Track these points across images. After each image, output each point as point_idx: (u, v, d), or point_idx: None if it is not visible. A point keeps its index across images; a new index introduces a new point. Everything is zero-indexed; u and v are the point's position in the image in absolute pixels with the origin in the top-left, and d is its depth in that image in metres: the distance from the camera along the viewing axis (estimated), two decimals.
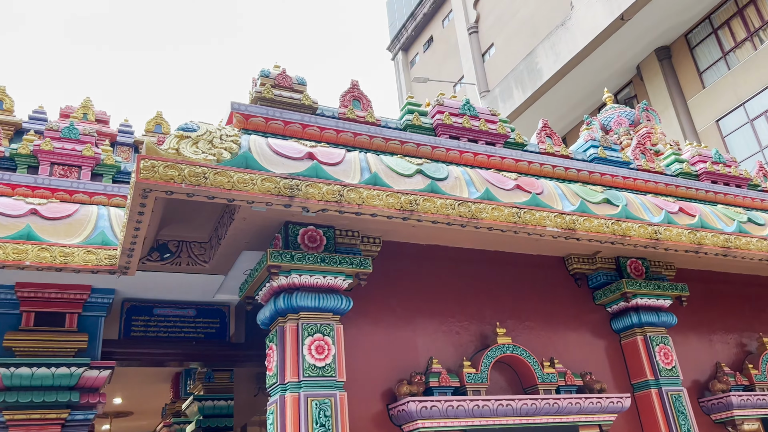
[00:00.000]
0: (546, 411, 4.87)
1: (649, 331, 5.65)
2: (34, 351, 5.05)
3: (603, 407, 5.06)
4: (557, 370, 5.21)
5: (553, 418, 4.92)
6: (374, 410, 4.71)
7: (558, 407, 4.90)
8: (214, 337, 6.14)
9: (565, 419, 4.96)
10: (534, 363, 5.12)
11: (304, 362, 4.32)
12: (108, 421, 11.03)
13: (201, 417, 7.26)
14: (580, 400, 4.98)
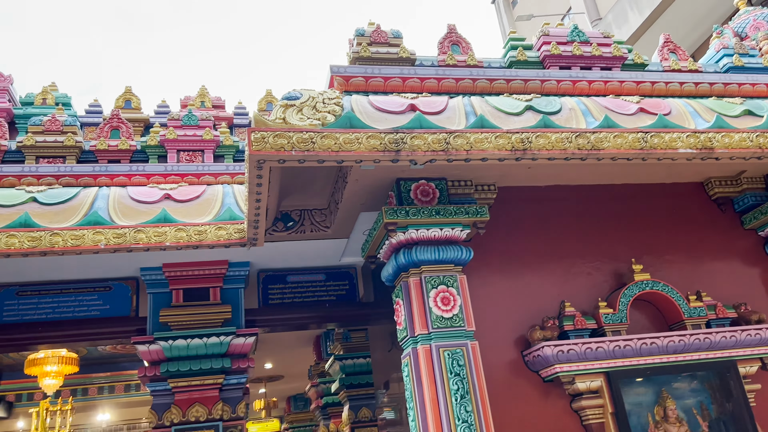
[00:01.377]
0: (696, 347, 4.53)
1: None
2: (187, 324, 5.52)
3: (764, 338, 4.61)
4: (705, 304, 4.81)
5: (705, 354, 4.56)
6: (508, 358, 4.65)
7: (710, 342, 4.54)
8: (345, 299, 6.35)
9: (720, 354, 4.58)
10: (678, 298, 4.76)
11: (431, 314, 4.33)
12: (262, 385, 11.94)
13: (343, 375, 7.61)
14: (736, 333, 4.57)
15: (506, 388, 4.53)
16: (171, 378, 5.40)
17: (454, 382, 4.15)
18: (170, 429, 5.27)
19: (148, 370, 5.43)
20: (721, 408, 4.61)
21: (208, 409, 5.39)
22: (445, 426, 4.04)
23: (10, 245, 4.23)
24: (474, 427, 4.04)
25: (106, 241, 4.41)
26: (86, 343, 5.73)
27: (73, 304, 5.64)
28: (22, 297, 5.55)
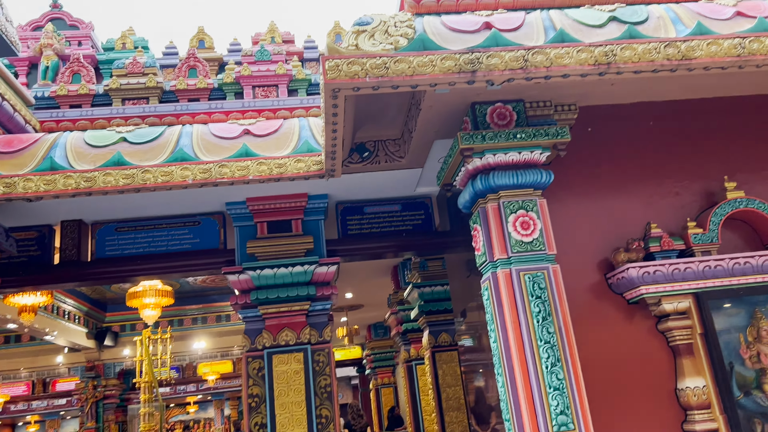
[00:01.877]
0: None
1: None
2: (272, 254, 5.76)
3: None
4: None
5: None
6: (591, 281, 4.60)
7: None
8: (421, 228, 6.41)
9: None
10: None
11: (511, 239, 4.31)
12: (344, 314, 12.43)
13: (422, 302, 7.79)
14: None
15: (588, 310, 4.51)
16: (261, 305, 5.70)
17: (535, 305, 4.17)
18: (262, 352, 5.61)
19: (239, 298, 5.75)
20: None
21: (297, 333, 5.68)
22: (527, 347, 4.09)
23: (107, 183, 4.50)
24: (557, 348, 4.07)
25: (193, 177, 4.61)
26: (180, 274, 6.10)
27: (166, 238, 6.00)
28: (120, 233, 5.95)
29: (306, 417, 5.43)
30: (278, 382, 5.52)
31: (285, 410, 5.43)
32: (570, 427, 3.92)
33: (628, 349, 4.42)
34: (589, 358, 4.32)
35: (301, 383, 5.54)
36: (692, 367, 4.27)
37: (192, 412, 20.47)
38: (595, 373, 4.31)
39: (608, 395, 4.29)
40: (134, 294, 9.79)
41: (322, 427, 5.49)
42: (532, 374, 4.04)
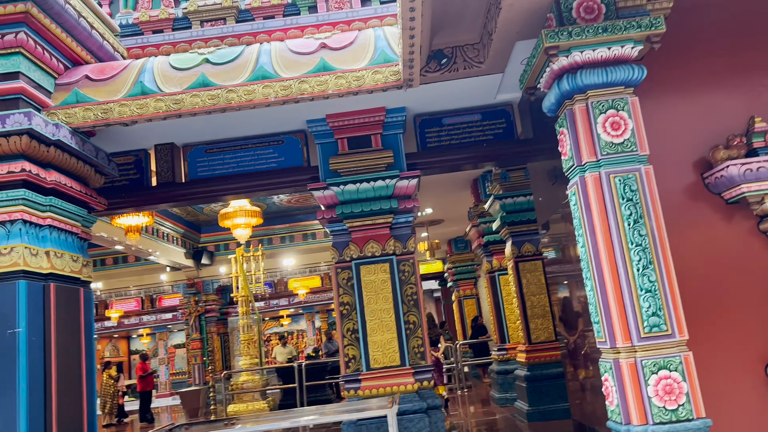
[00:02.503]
0: None
1: None
2: (354, 170, 5.86)
3: None
4: None
5: None
6: (686, 181, 4.40)
7: None
8: (502, 137, 6.27)
9: None
10: None
11: (600, 141, 4.15)
12: (425, 229, 12.59)
13: (504, 213, 7.74)
14: None
15: (683, 212, 4.34)
16: (346, 219, 5.87)
17: (626, 208, 4.05)
18: (350, 263, 5.83)
19: (326, 213, 5.93)
20: None
21: (382, 245, 5.84)
22: (617, 250, 4.02)
23: (194, 104, 4.66)
24: (648, 250, 3.98)
25: (275, 94, 4.68)
26: (267, 192, 6.33)
27: (252, 158, 6.21)
28: (209, 154, 6.21)
29: (394, 322, 5.67)
30: (367, 291, 5.76)
31: (374, 317, 5.69)
32: (662, 328, 3.88)
33: (725, 251, 4.25)
34: (683, 261, 4.20)
35: (388, 292, 5.75)
36: None
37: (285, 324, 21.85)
38: (690, 276, 4.20)
39: (703, 298, 4.19)
40: (226, 215, 10.30)
41: (410, 332, 5.72)
42: (622, 277, 3.98)
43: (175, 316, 20.17)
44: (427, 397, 5.60)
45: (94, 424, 4.83)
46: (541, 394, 7.24)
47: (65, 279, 4.71)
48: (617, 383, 3.98)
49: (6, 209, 4.33)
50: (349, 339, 5.74)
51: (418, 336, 5.73)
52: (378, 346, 5.64)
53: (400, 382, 5.53)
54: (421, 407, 5.45)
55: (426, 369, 5.67)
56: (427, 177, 7.41)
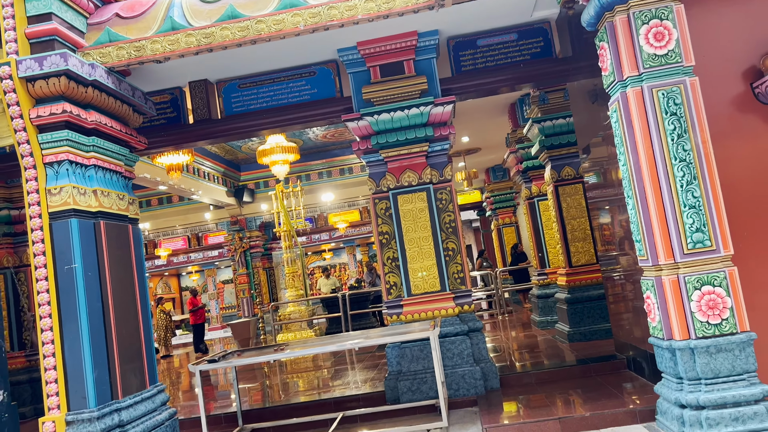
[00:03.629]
0: None
1: None
2: (388, 98, 5.79)
3: None
4: None
5: None
6: (733, 92, 4.20)
7: None
8: (540, 56, 6.06)
9: None
10: None
11: (642, 53, 3.98)
12: (461, 158, 12.47)
13: (543, 137, 7.58)
14: None
15: (730, 124, 4.17)
16: (381, 149, 5.86)
17: (669, 122, 3.92)
18: (387, 193, 5.86)
19: (361, 144, 5.92)
20: None
21: (418, 174, 5.83)
22: (660, 166, 3.92)
23: (224, 37, 4.63)
24: (693, 166, 3.87)
25: (304, 22, 4.60)
26: (302, 125, 6.33)
27: (285, 91, 6.19)
28: (243, 89, 6.21)
29: (434, 250, 5.72)
30: (405, 220, 5.80)
31: (413, 244, 5.75)
32: (707, 243, 3.82)
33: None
34: (729, 175, 4.07)
35: (426, 220, 5.78)
36: None
37: (327, 258, 22.33)
38: (736, 190, 4.08)
39: (749, 213, 4.08)
40: (263, 152, 10.39)
41: (450, 259, 5.78)
42: (665, 194, 3.90)
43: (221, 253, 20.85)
44: (468, 321, 5.72)
45: (151, 352, 5.12)
46: (582, 316, 7.30)
47: (113, 217, 4.89)
48: (659, 300, 3.97)
49: (52, 150, 4.47)
50: (390, 267, 5.84)
51: (458, 262, 5.79)
52: (418, 272, 5.73)
53: (441, 307, 5.65)
54: (462, 330, 5.58)
55: (466, 293, 5.75)
56: (462, 104, 7.28)
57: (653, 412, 4.25)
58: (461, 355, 5.52)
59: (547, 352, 7.16)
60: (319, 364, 9.08)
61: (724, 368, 3.74)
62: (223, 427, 5.68)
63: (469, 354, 5.54)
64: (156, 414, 4.88)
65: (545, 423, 4.45)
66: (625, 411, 4.41)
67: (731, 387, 3.72)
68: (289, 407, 5.98)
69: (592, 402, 4.78)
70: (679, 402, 3.83)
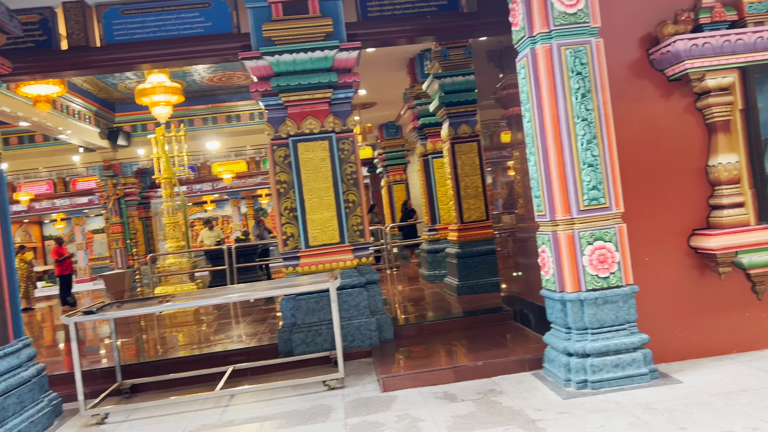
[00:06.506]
0: None
1: None
2: (290, 38, 5.45)
3: None
4: None
5: None
6: (632, 57, 4.37)
7: None
8: (447, 9, 5.99)
9: None
10: None
11: (554, 10, 4.01)
12: (357, 112, 12.28)
13: (443, 94, 7.58)
14: None
15: (627, 87, 4.35)
16: (282, 92, 5.55)
17: (575, 81, 4.01)
18: (287, 140, 5.58)
19: (259, 85, 5.57)
20: None
21: (321, 121, 5.60)
22: (563, 124, 4.01)
23: None
24: (594, 125, 4.00)
25: None
26: (194, 60, 5.83)
27: (176, 21, 5.64)
28: (127, 16, 5.58)
29: (334, 201, 5.57)
30: (305, 169, 5.58)
31: (313, 195, 5.56)
32: (601, 201, 4.00)
33: (664, 125, 4.35)
34: (624, 137, 4.27)
35: (327, 170, 5.60)
36: (727, 143, 4.23)
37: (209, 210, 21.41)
38: (629, 151, 4.29)
39: (640, 173, 4.32)
40: (143, 91, 9.55)
41: (350, 211, 5.66)
42: (566, 151, 4.01)
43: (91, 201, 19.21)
44: (366, 273, 5.67)
45: (15, 302, 4.57)
46: (471, 270, 7.54)
47: None
48: (554, 254, 4.12)
49: None
50: (287, 217, 5.62)
51: (357, 215, 5.69)
52: (317, 224, 5.57)
53: (340, 259, 5.55)
54: (360, 282, 5.53)
55: (364, 246, 5.69)
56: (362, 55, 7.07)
57: (540, 360, 4.46)
58: (358, 307, 5.48)
59: (437, 305, 7.34)
60: (201, 318, 8.71)
61: (609, 318, 3.98)
62: (99, 382, 5.26)
63: (366, 306, 5.51)
64: (22, 370, 4.39)
65: (440, 372, 4.53)
66: (515, 360, 4.60)
67: (614, 336, 3.97)
68: (172, 361, 5.66)
69: (483, 351, 4.94)
70: (566, 350, 4.04)
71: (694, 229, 4.34)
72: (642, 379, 3.90)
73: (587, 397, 3.77)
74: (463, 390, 4.22)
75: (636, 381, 3.89)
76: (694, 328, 4.32)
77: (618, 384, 3.88)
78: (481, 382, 4.37)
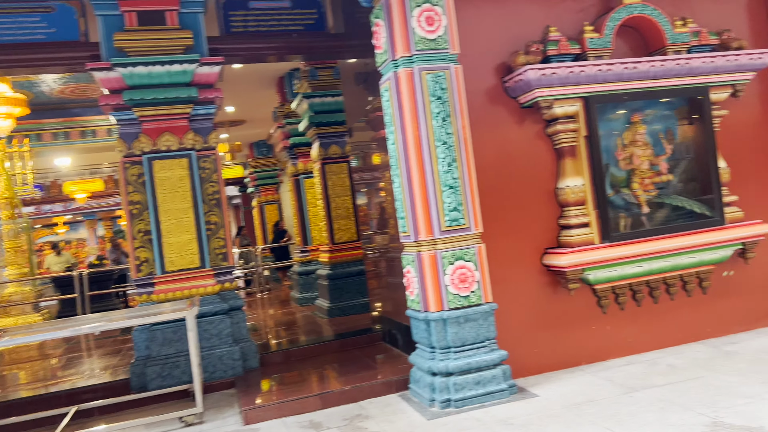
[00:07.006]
0: (676, 72, 4.53)
1: None
2: (145, 50, 5.12)
3: (740, 65, 4.62)
4: (690, 30, 4.69)
5: (683, 80, 4.59)
6: (488, 84, 4.56)
7: (689, 67, 4.53)
8: (314, 29, 5.95)
9: (696, 80, 4.61)
10: (665, 22, 4.61)
11: (415, 35, 4.08)
12: (225, 130, 11.87)
13: (312, 114, 7.50)
14: (715, 58, 4.55)
15: (485, 113, 4.52)
16: (136, 107, 5.17)
17: (436, 105, 4.10)
18: (141, 157, 5.20)
19: (110, 98, 5.15)
20: (685, 133, 4.79)
21: (179, 138, 5.29)
22: (426, 147, 4.07)
23: None
24: (454, 149, 4.10)
25: None
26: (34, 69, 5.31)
27: (13, 26, 5.09)
28: None
29: (194, 223, 5.26)
30: (162, 189, 5.22)
31: (171, 216, 5.22)
32: (462, 222, 4.10)
33: (519, 150, 4.57)
34: (482, 160, 4.42)
35: (187, 190, 5.28)
36: (573, 167, 4.53)
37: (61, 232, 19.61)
38: (487, 173, 4.45)
39: (497, 194, 4.49)
40: None
41: (212, 233, 5.38)
42: (428, 173, 4.08)
43: None
44: (229, 299, 5.40)
45: None
46: (342, 291, 7.47)
47: None
48: (419, 274, 4.15)
49: None
50: (141, 241, 5.22)
51: (221, 237, 5.41)
52: (175, 247, 5.22)
53: (200, 284, 5.23)
54: (223, 308, 5.24)
55: (227, 270, 5.42)
56: (229, 72, 6.86)
57: (407, 381, 4.46)
58: (220, 335, 5.19)
59: (307, 329, 7.17)
60: (47, 352, 7.85)
61: (470, 336, 4.07)
62: None
63: (229, 334, 5.23)
64: None
65: (306, 400, 4.38)
66: (382, 382, 4.56)
67: (475, 353, 4.06)
68: (6, 404, 5.00)
69: (351, 375, 4.86)
70: (431, 370, 4.07)
71: (546, 248, 4.58)
72: (502, 394, 4.01)
73: (451, 416, 3.80)
74: (329, 417, 4.10)
75: (496, 397, 4.00)
76: (549, 342, 4.54)
77: (480, 401, 3.96)
78: (349, 407, 4.28)
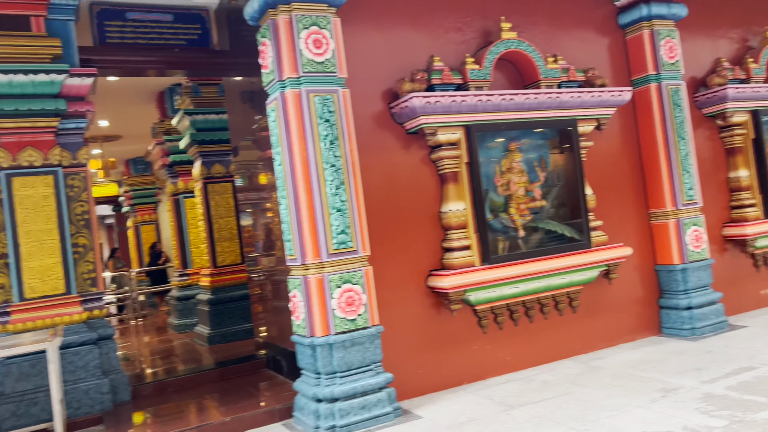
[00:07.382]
0: (548, 105, 4.84)
1: (656, 25, 5.43)
2: (7, 57, 4.66)
3: (603, 101, 5.04)
4: (560, 66, 5.05)
5: (554, 113, 4.92)
6: (375, 109, 4.62)
7: (560, 101, 4.86)
8: (196, 44, 5.75)
9: (566, 113, 4.97)
10: (538, 58, 4.93)
11: (302, 57, 4.06)
12: (98, 145, 11.12)
13: (194, 131, 7.21)
14: (582, 94, 4.93)
15: (373, 137, 4.57)
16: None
17: (324, 128, 4.08)
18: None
19: None
20: (557, 162, 5.13)
21: (44, 153, 4.85)
22: (313, 170, 4.04)
23: None
24: (342, 171, 4.10)
25: None
26: None
27: None
28: None
29: (59, 245, 4.83)
30: (22, 208, 4.76)
31: (32, 238, 4.76)
32: (350, 245, 4.09)
33: (405, 175, 4.65)
34: (370, 184, 4.45)
35: (51, 209, 4.85)
36: (455, 192, 4.68)
37: None
38: (375, 196, 4.48)
39: (385, 217, 4.53)
40: None
41: (80, 257, 4.97)
42: (316, 196, 4.04)
43: None
44: (98, 327, 4.99)
45: None
46: (224, 317, 7.18)
47: None
48: (305, 298, 4.08)
49: None
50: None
51: (89, 260, 5.01)
52: (36, 272, 4.75)
53: (65, 312, 4.79)
54: (91, 338, 4.83)
55: (97, 296, 5.02)
56: (103, 84, 6.46)
57: (291, 409, 4.34)
58: (87, 367, 4.77)
59: (185, 357, 6.81)
60: None
61: (357, 360, 4.04)
62: None
63: (97, 365, 4.82)
64: None
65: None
66: (265, 411, 4.41)
67: (360, 378, 4.03)
68: None
69: (232, 405, 4.65)
70: (316, 396, 3.99)
71: (431, 270, 4.68)
72: (387, 418, 4.01)
73: None
74: None
75: (382, 421, 3.99)
76: (433, 363, 4.62)
77: (365, 426, 3.93)
78: None
